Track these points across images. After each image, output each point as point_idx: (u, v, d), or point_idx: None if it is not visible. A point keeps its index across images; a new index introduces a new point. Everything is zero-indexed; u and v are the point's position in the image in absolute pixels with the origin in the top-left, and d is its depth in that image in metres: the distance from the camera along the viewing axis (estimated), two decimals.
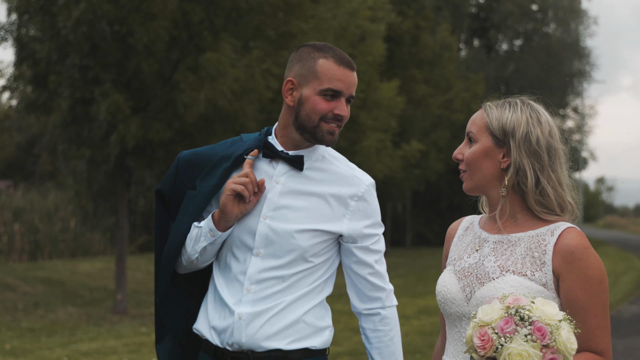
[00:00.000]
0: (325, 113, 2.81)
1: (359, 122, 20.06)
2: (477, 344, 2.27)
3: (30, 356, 9.38)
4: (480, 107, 2.67)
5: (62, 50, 12.39)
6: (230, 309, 2.86)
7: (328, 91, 2.80)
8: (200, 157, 2.99)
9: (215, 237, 2.87)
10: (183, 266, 2.99)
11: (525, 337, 2.23)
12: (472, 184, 2.65)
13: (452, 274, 2.67)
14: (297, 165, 2.88)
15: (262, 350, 2.84)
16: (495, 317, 2.27)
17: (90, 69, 12.37)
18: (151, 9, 12.10)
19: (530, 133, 2.57)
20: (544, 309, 2.27)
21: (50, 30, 12.22)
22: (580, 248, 2.48)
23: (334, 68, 2.80)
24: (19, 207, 21.56)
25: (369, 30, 20.30)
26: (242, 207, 2.85)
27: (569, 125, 37.99)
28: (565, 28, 36.74)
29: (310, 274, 2.89)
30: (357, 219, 2.91)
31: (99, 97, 12.07)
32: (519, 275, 2.51)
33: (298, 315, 2.87)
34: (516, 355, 2.21)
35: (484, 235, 2.68)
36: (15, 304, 13.12)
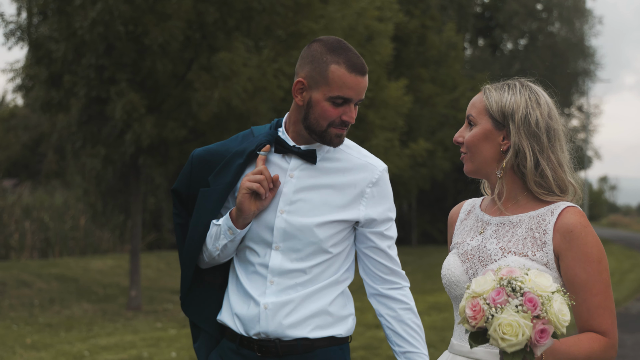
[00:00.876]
0: (334, 119, 2.81)
1: (367, 121, 20.23)
2: (468, 315, 2.28)
3: (51, 350, 9.58)
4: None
5: (77, 50, 12.58)
6: (255, 300, 2.90)
7: (338, 99, 2.79)
8: (213, 154, 3.00)
9: (234, 235, 2.89)
10: (205, 262, 3.02)
11: (516, 308, 2.23)
12: (472, 166, 2.66)
13: (456, 257, 2.69)
14: (310, 159, 2.89)
15: (289, 339, 2.88)
16: (487, 288, 2.28)
17: (106, 69, 12.56)
18: (166, 9, 12.28)
19: (530, 115, 2.58)
20: (537, 280, 2.27)
21: (67, 31, 12.40)
22: (579, 226, 2.48)
23: (345, 76, 2.79)
24: (29, 204, 21.76)
25: (377, 30, 20.47)
26: (259, 203, 2.87)
27: (573, 124, 38.13)
28: (570, 27, 36.88)
29: (331, 264, 2.92)
30: (372, 204, 2.93)
31: (114, 96, 12.25)
32: (520, 256, 2.53)
33: (322, 305, 2.90)
34: (506, 326, 2.21)
35: (486, 217, 2.69)
36: (31, 300, 13.32)
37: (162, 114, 12.79)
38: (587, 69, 36.87)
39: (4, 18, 13.06)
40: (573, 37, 36.54)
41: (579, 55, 36.39)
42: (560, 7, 36.65)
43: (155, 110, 12.86)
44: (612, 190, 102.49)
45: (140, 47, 12.54)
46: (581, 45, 36.53)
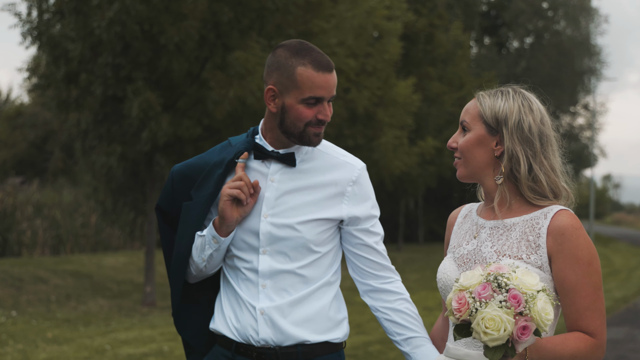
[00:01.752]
0: (310, 119, 2.82)
1: (377, 119, 20.40)
2: (454, 307, 2.33)
3: (73, 344, 9.76)
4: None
5: (94, 49, 12.75)
6: (250, 305, 2.89)
7: (310, 99, 2.81)
8: (193, 168, 3.00)
9: (219, 244, 2.89)
10: (193, 276, 3.02)
11: (500, 303, 2.27)
12: (466, 171, 2.70)
13: (452, 261, 2.72)
14: (289, 162, 2.91)
15: (288, 345, 2.87)
16: (474, 283, 2.32)
17: (122, 68, 12.73)
18: (182, 9, 12.45)
19: (523, 121, 2.61)
20: (523, 278, 2.30)
21: (83, 30, 12.57)
22: (570, 229, 2.51)
23: (313, 76, 2.79)
24: (40, 202, 21.95)
25: (386, 29, 20.62)
26: (241, 210, 2.87)
27: (579, 122, 38.24)
28: (575, 26, 37.00)
29: (319, 264, 2.92)
30: (354, 203, 2.94)
31: (131, 95, 12.42)
32: (515, 259, 2.55)
33: (317, 307, 2.91)
34: (489, 320, 2.25)
35: (480, 221, 2.72)
36: (48, 296, 13.51)
37: (178, 112, 12.96)
38: (593, 67, 36.97)
39: (21, 18, 13.23)
40: (579, 36, 36.65)
41: (585, 53, 36.50)
42: (566, 5, 36.75)
43: (171, 109, 13.03)
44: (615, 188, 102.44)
45: (156, 46, 12.70)
46: (587, 44, 36.63)
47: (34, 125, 42.51)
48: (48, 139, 41.73)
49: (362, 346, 9.50)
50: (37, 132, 42.16)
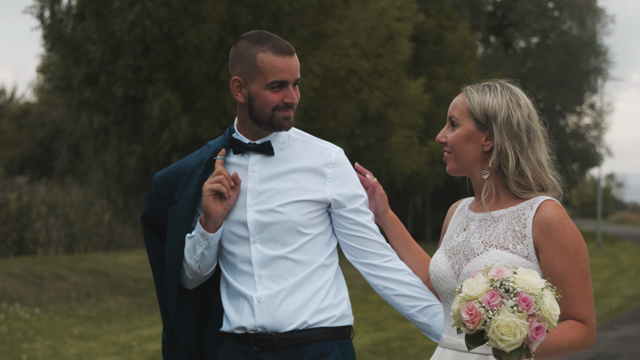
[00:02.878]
0: (277, 104, 2.86)
1: (387, 119, 20.60)
2: (465, 319, 2.31)
3: (99, 340, 9.98)
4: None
5: (114, 51, 12.98)
6: (247, 296, 2.93)
7: (274, 84, 2.85)
8: (174, 173, 3.04)
9: (208, 240, 2.92)
10: (189, 280, 3.04)
11: (511, 309, 2.28)
12: (456, 166, 2.74)
13: (443, 253, 2.77)
14: (267, 152, 2.95)
15: (285, 331, 2.90)
16: (481, 291, 2.31)
17: (143, 69, 12.96)
18: (201, 11, 12.69)
19: (511, 116, 2.65)
20: (526, 279, 2.32)
21: (104, 32, 12.81)
22: (556, 219, 2.56)
23: (274, 60, 2.83)
24: (53, 201, 22.17)
25: (397, 30, 20.82)
26: (225, 203, 2.91)
27: (585, 122, 38.42)
28: (581, 26, 37.18)
29: (310, 247, 2.95)
30: (337, 184, 2.97)
31: (152, 96, 12.66)
32: (501, 249, 2.59)
33: (313, 291, 2.92)
34: (504, 327, 2.26)
35: (470, 214, 2.77)
36: (68, 294, 13.73)
37: (197, 113, 13.19)
38: (599, 67, 37.15)
39: (44, 19, 13.47)
40: (585, 36, 36.82)
41: (591, 53, 36.67)
42: (572, 6, 36.93)
43: (190, 110, 13.26)
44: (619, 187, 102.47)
45: (175, 48, 12.93)
46: (593, 44, 36.81)
47: (42, 124, 42.69)
48: (56, 138, 41.88)
49: (383, 342, 9.70)
50: (45, 131, 42.33)
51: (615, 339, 10.68)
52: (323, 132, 17.00)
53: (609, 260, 25.61)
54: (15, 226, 18.54)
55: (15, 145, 43.67)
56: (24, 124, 43.64)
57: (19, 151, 43.39)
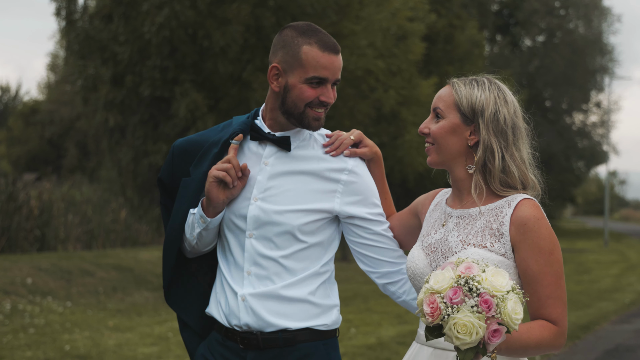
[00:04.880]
0: (312, 100, 2.77)
1: (400, 117, 20.97)
2: (426, 311, 2.32)
3: (135, 332, 10.36)
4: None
5: (141, 53, 13.36)
6: (234, 291, 2.88)
7: (314, 79, 2.76)
8: (193, 144, 2.98)
9: (206, 223, 2.86)
10: (188, 251, 3.01)
11: (471, 309, 2.26)
12: (437, 158, 2.71)
13: (421, 250, 2.74)
14: (284, 146, 2.85)
15: (270, 331, 2.85)
16: (445, 286, 2.30)
17: (169, 70, 13.34)
18: (226, 14, 13.06)
19: (498, 112, 2.63)
20: (493, 279, 2.29)
21: (132, 34, 13.19)
22: (532, 219, 2.54)
23: (318, 55, 2.74)
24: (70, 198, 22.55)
25: (410, 30, 21.18)
26: (228, 192, 2.83)
27: (592, 120, 38.75)
28: (588, 25, 37.51)
29: (305, 255, 2.88)
30: (349, 193, 2.88)
31: (179, 96, 13.04)
32: (479, 247, 2.57)
33: (300, 295, 2.86)
34: (461, 326, 2.25)
35: (448, 210, 2.74)
36: (96, 288, 14.12)
37: (221, 113, 13.57)
38: (605, 66, 37.48)
39: (72, 19, 13.83)
40: (591, 35, 37.15)
41: (597, 52, 37.00)
42: (578, 5, 37.25)
43: (214, 109, 13.64)
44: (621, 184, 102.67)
45: (200, 50, 13.31)
46: (599, 43, 37.13)
47: (51, 122, 42.99)
48: (65, 136, 42.18)
49: (409, 334, 10.07)
50: (54, 129, 42.63)
51: (632, 332, 11.03)
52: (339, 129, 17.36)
53: (617, 256, 25.97)
54: (37, 223, 18.94)
55: (22, 142, 43.98)
56: (33, 121, 43.93)
57: (26, 149, 43.71)
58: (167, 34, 12.77)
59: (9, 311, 11.29)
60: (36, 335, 9.81)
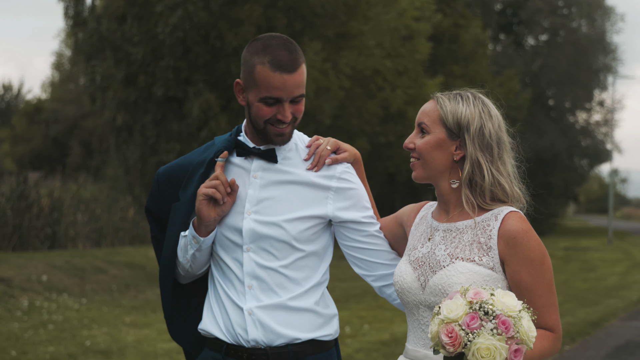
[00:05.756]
0: (269, 118, 2.75)
1: (407, 117, 21.15)
2: (445, 341, 2.31)
3: (152, 328, 10.54)
4: (469, 96, 2.72)
5: (154, 53, 13.54)
6: (237, 306, 2.85)
7: (268, 99, 2.73)
8: (177, 169, 2.97)
9: (199, 243, 2.84)
10: (182, 276, 2.98)
11: (491, 332, 2.29)
12: (423, 173, 2.70)
13: (408, 264, 2.73)
14: (271, 159, 2.85)
15: (279, 344, 2.83)
16: (460, 314, 2.31)
17: (182, 70, 13.52)
18: (239, 15, 13.24)
19: (484, 126, 2.64)
20: (504, 301, 2.33)
21: (146, 35, 13.36)
22: (521, 232, 2.56)
23: (269, 76, 2.70)
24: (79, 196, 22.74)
25: (416, 30, 21.35)
26: (219, 209, 2.82)
27: (595, 119, 38.93)
28: (591, 24, 37.68)
29: (305, 264, 2.87)
30: (341, 198, 2.88)
31: (192, 96, 13.22)
32: (467, 261, 2.58)
33: (306, 306, 2.86)
34: (484, 350, 2.27)
35: (434, 224, 2.74)
36: (109, 285, 14.31)
37: (234, 112, 13.74)
38: (609, 65, 37.65)
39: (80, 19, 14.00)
40: (594, 34, 37.31)
41: (600, 51, 37.17)
42: (581, 4, 37.41)
43: (226, 108, 13.82)
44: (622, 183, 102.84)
45: (213, 50, 13.49)
46: (603, 42, 37.30)
47: (56, 121, 43.12)
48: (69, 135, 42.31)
49: None
50: (59, 128, 42.77)
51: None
52: (347, 129, 17.56)
53: (622, 254, 26.13)
54: (48, 221, 19.14)
55: (26, 141, 44.13)
56: (38, 120, 44.07)
57: (30, 147, 43.86)
58: (181, 34, 12.94)
59: (27, 308, 11.48)
60: (56, 331, 10.00)
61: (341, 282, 15.58)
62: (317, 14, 13.74)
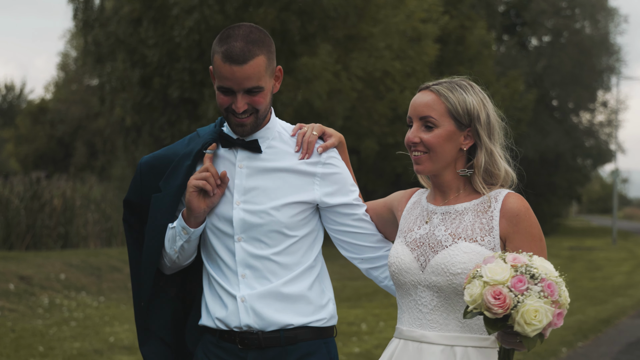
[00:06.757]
0: (226, 107, 2.79)
1: None
2: (492, 303, 2.30)
3: None
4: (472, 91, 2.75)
5: (170, 55, 13.77)
6: (231, 294, 2.88)
7: (221, 89, 2.79)
8: (161, 159, 2.98)
9: (189, 234, 2.87)
10: (167, 267, 2.99)
11: (538, 294, 2.31)
12: (432, 166, 2.71)
13: (404, 245, 2.75)
14: (254, 149, 2.88)
15: (271, 330, 2.86)
16: (507, 276, 2.32)
17: (198, 73, 13.75)
18: (253, 18, 13.47)
19: (488, 114, 2.71)
20: (545, 265, 2.37)
21: (162, 38, 13.59)
22: (523, 209, 2.63)
23: (220, 66, 2.75)
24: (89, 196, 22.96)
25: (424, 32, 21.57)
26: (208, 201, 2.85)
27: (599, 119, 39.15)
28: (594, 25, 37.88)
29: (296, 249, 2.90)
30: (327, 184, 2.92)
31: (207, 97, 13.45)
32: (470, 241, 2.62)
33: (298, 291, 2.89)
34: (533, 312, 2.28)
35: (431, 207, 2.76)
36: (125, 284, 14.53)
37: None
38: (612, 66, 37.86)
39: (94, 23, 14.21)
40: (597, 35, 37.52)
41: (604, 52, 37.37)
42: (584, 5, 37.61)
43: None
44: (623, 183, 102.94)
45: None
46: (606, 43, 37.50)
47: (62, 121, 43.32)
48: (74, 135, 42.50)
49: None
50: (64, 128, 42.97)
51: None
52: (356, 130, 17.79)
53: (627, 254, 26.34)
54: (61, 220, 19.36)
55: (29, 141, 44.32)
56: (43, 120, 44.26)
57: (34, 147, 44.06)
58: (197, 37, 13.17)
59: (48, 305, 11.71)
60: (79, 328, 10.22)
61: (352, 281, 15.79)
62: (330, 17, 13.96)
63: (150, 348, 3.03)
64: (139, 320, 3.04)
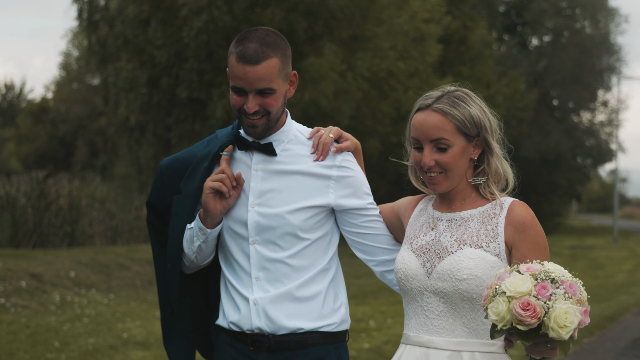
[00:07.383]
0: (238, 107, 2.84)
1: None
2: (523, 315, 2.31)
3: None
4: (469, 104, 2.73)
5: (178, 56, 13.93)
6: (244, 297, 2.91)
7: (234, 88, 2.83)
8: (181, 161, 3.01)
9: (206, 235, 2.91)
10: (187, 267, 3.04)
11: (564, 297, 2.33)
12: (450, 184, 2.74)
13: (410, 252, 2.78)
14: (270, 152, 2.90)
15: (282, 333, 2.89)
16: (530, 287, 2.34)
17: (206, 73, 13.90)
18: (261, 19, 13.63)
19: (491, 120, 2.76)
20: (559, 268, 2.41)
21: (171, 38, 13.75)
22: (529, 218, 2.67)
23: (234, 66, 2.79)
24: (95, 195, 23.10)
25: (427, 32, 21.73)
26: (225, 202, 2.88)
27: (599, 119, 39.30)
28: (595, 25, 38.03)
29: (310, 252, 2.92)
30: (342, 187, 2.93)
31: (216, 97, 13.60)
32: (475, 247, 2.66)
33: (311, 295, 2.91)
34: (563, 314, 2.29)
35: (437, 214, 2.80)
36: (133, 282, 14.69)
37: None
38: (612, 66, 38.01)
39: (112, 24, 14.38)
40: (597, 35, 37.67)
41: (604, 52, 37.52)
42: (585, 5, 37.76)
43: None
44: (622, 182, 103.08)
45: None
46: (606, 43, 37.65)
47: (63, 121, 43.42)
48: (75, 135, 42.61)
49: None
50: (66, 127, 43.07)
51: None
52: (360, 129, 17.95)
53: (627, 253, 26.49)
54: (67, 219, 19.51)
55: (30, 140, 44.42)
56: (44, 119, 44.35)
57: (35, 146, 44.16)
58: (205, 38, 13.32)
59: (59, 302, 11.87)
60: (92, 325, 10.38)
61: (356, 279, 15.95)
62: (337, 18, 14.11)
63: (175, 346, 3.08)
64: (164, 319, 3.10)
